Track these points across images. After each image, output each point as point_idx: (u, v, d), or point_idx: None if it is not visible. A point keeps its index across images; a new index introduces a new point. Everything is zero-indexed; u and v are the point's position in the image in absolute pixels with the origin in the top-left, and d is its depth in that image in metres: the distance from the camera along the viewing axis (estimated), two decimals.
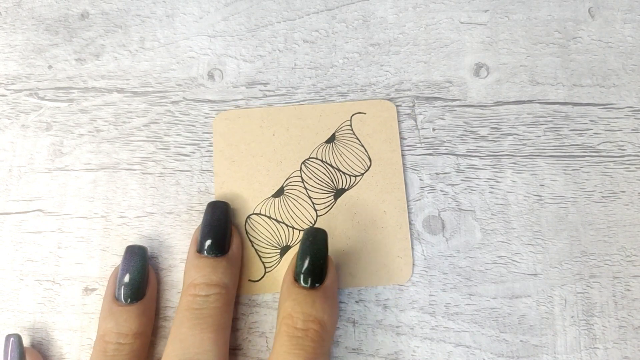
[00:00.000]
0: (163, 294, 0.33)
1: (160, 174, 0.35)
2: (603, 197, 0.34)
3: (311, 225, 0.34)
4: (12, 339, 0.30)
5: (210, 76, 0.37)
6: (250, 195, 0.34)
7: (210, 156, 0.35)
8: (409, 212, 0.34)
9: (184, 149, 0.35)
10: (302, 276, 0.30)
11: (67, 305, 0.33)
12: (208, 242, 0.31)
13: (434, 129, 0.36)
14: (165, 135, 0.36)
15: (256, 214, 0.34)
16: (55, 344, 0.33)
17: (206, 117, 0.36)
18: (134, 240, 0.34)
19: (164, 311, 0.33)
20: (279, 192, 0.34)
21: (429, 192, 0.35)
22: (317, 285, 0.29)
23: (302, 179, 0.34)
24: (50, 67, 0.37)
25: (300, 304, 0.28)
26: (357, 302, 0.33)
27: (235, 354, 0.32)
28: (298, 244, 0.33)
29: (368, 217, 0.34)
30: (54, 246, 0.34)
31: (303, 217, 0.34)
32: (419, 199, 0.35)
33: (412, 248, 0.34)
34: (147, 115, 0.36)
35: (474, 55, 0.37)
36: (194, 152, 0.35)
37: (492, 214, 0.34)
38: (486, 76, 0.37)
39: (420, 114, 0.36)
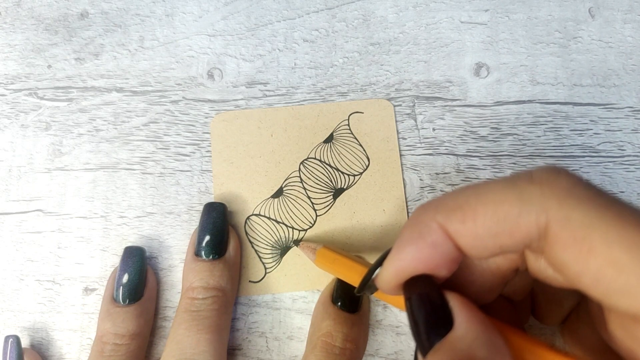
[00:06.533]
0: (163, 294, 0.33)
1: (160, 174, 0.35)
2: None
3: (311, 225, 0.34)
4: (10, 340, 0.30)
5: (210, 75, 0.37)
6: (250, 196, 0.34)
7: (211, 156, 0.35)
8: (409, 212, 0.34)
9: (184, 148, 0.35)
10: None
11: (67, 305, 0.33)
12: (205, 245, 0.31)
13: (434, 129, 0.36)
14: (165, 135, 0.36)
15: (256, 214, 0.34)
16: (55, 344, 0.33)
17: (206, 117, 0.36)
18: (134, 240, 0.34)
19: (163, 311, 0.33)
20: (278, 193, 0.34)
21: (429, 192, 0.35)
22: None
23: (301, 179, 0.35)
24: (49, 66, 0.37)
25: (341, 325, 0.29)
26: None
27: (235, 354, 0.32)
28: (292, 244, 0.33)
29: (367, 216, 0.34)
30: (54, 246, 0.34)
31: (302, 217, 0.34)
32: (419, 199, 0.35)
33: None
34: (147, 114, 0.36)
35: (474, 54, 0.37)
36: (194, 152, 0.35)
37: None
38: (486, 76, 0.36)
39: (420, 114, 0.36)
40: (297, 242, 0.33)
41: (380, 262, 0.23)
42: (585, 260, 0.18)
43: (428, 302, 0.21)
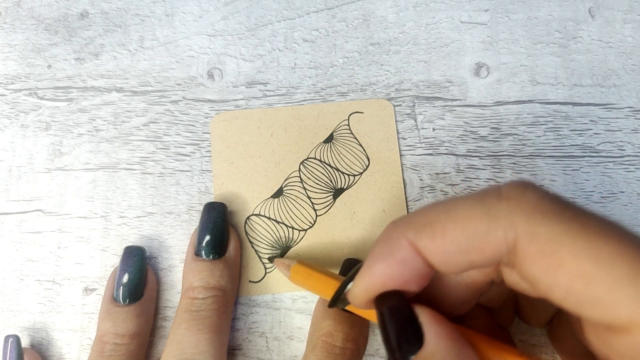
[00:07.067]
0: (163, 294, 0.33)
1: (160, 174, 0.35)
2: (602, 197, 0.34)
3: (311, 225, 0.34)
4: (10, 339, 0.30)
5: (210, 75, 0.37)
6: (250, 196, 0.34)
7: (211, 156, 0.35)
8: (409, 212, 0.34)
9: (184, 148, 0.35)
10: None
11: (67, 305, 0.33)
12: (205, 245, 0.31)
13: (434, 129, 0.36)
14: (165, 135, 0.36)
15: (256, 214, 0.34)
16: (55, 344, 0.33)
17: (206, 117, 0.36)
18: (134, 240, 0.34)
19: (163, 311, 0.33)
20: (278, 193, 0.34)
21: (429, 192, 0.35)
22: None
23: (301, 179, 0.35)
24: (49, 66, 0.37)
25: (342, 324, 0.29)
26: None
27: (235, 354, 0.32)
28: (297, 244, 0.33)
29: (367, 216, 0.34)
30: (54, 246, 0.34)
31: (302, 217, 0.34)
32: (419, 199, 0.35)
33: None
34: (147, 114, 0.36)
35: (474, 54, 0.37)
36: (194, 152, 0.35)
37: None
38: (486, 76, 0.37)
39: (420, 114, 0.36)
40: (271, 259, 0.33)
41: (351, 277, 0.24)
42: (555, 274, 0.18)
43: (398, 316, 0.21)
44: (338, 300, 0.26)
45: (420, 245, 0.21)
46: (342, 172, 0.35)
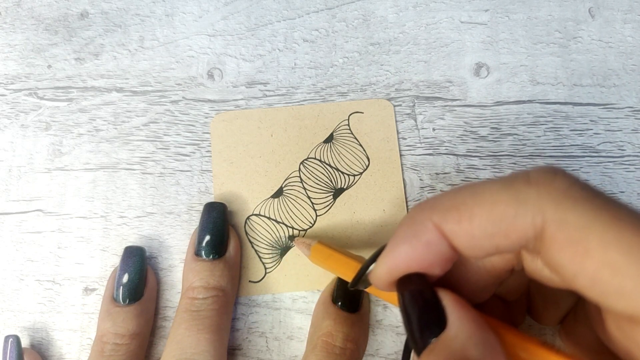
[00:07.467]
0: (163, 294, 0.33)
1: (160, 174, 0.35)
2: None
3: (310, 225, 0.34)
4: (10, 339, 0.30)
5: (210, 75, 0.37)
6: (250, 196, 0.34)
7: (211, 156, 0.35)
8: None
9: (184, 149, 0.35)
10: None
11: (67, 305, 0.33)
12: (205, 245, 0.31)
13: (434, 129, 0.36)
14: (165, 135, 0.36)
15: (255, 214, 0.34)
16: (55, 344, 0.33)
17: (206, 117, 0.36)
18: (134, 240, 0.34)
19: (163, 311, 0.33)
20: (278, 193, 0.34)
21: (429, 192, 0.35)
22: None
23: (301, 179, 0.35)
24: (49, 66, 0.37)
25: (341, 325, 0.29)
26: None
27: (235, 354, 0.32)
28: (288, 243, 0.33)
29: (367, 216, 0.34)
30: (54, 246, 0.34)
31: (302, 217, 0.34)
32: (419, 199, 0.35)
33: None
34: (147, 114, 0.36)
35: (474, 54, 0.37)
36: (194, 152, 0.35)
37: None
38: (486, 76, 0.36)
39: (420, 114, 0.36)
40: (292, 238, 0.33)
41: (374, 258, 0.24)
42: (581, 262, 0.18)
43: (421, 299, 0.21)
44: (360, 281, 0.26)
45: (446, 229, 0.21)
46: (342, 172, 0.35)
